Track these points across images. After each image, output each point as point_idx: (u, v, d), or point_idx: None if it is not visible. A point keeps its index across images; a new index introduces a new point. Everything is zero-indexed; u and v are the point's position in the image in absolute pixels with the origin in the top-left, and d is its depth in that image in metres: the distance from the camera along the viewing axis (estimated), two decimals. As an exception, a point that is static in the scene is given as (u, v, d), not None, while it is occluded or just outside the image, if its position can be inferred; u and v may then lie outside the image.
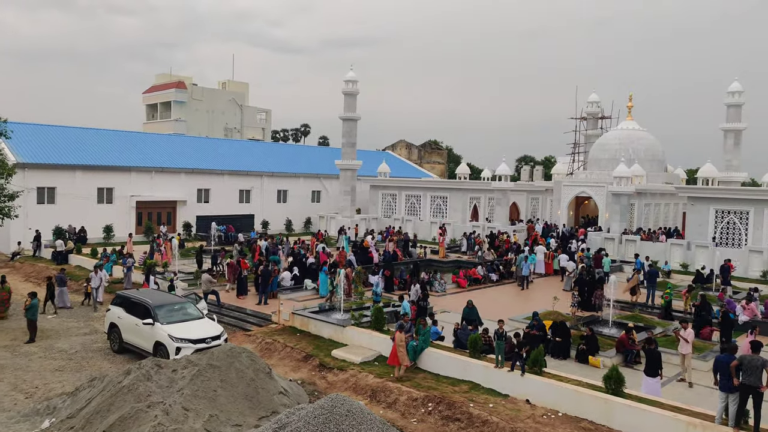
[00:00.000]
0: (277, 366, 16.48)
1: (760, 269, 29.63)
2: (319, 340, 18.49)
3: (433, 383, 14.91)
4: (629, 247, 34.50)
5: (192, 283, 25.45)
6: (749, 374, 11.16)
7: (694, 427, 11.62)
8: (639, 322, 20.52)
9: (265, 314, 21.29)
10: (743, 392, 11.27)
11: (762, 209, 31.62)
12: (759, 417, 11.15)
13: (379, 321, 17.95)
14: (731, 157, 47.29)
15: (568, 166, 53.05)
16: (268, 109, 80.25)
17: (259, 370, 12.84)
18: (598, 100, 53.91)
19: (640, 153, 43.92)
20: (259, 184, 49.65)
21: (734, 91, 47.17)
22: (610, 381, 13.10)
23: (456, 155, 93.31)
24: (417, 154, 77.48)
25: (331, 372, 16.11)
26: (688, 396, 14.34)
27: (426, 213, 47.33)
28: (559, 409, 13.33)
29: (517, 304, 24.44)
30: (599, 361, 16.50)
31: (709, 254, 30.79)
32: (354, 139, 46.54)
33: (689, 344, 15.47)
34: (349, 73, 45.70)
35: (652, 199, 42.09)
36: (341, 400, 9.66)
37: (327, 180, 54.46)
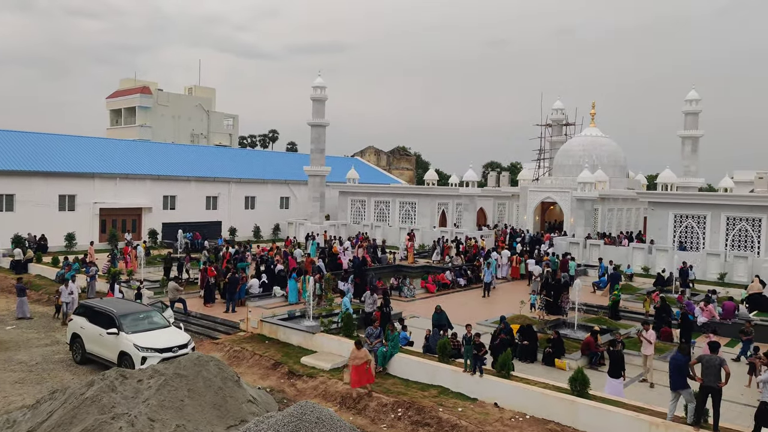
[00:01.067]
0: (245, 374, 16.33)
1: (718, 272, 30.62)
2: (289, 348, 18.38)
3: (403, 388, 14.97)
4: (593, 251, 35.27)
5: (158, 291, 25.03)
6: (708, 374, 11.52)
7: (657, 426, 11.93)
8: (603, 324, 20.98)
9: (233, 322, 21.07)
10: (702, 392, 11.64)
11: (719, 213, 32.73)
12: (718, 415, 11.51)
13: (349, 327, 17.97)
14: (689, 163, 48.85)
15: (534, 172, 53.96)
16: (236, 115, 79.53)
17: (227, 378, 12.70)
18: (563, 107, 55.02)
19: (603, 159, 44.97)
20: (226, 190, 49.13)
21: (691, 99, 48.79)
22: (575, 383, 13.37)
23: (424, 161, 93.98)
24: (386, 160, 77.75)
25: (301, 379, 16.04)
26: (650, 396, 14.72)
27: (395, 219, 47.51)
28: (527, 412, 13.53)
29: (485, 308, 24.72)
30: (565, 364, 16.81)
31: (669, 257, 31.67)
32: (323, 145, 46.48)
33: (652, 345, 15.90)
34: (317, 79, 45.66)
35: (614, 204, 43.12)
36: (311, 408, 9.63)
37: (295, 186, 54.21)
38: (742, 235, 32.15)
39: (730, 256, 31.10)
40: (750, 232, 31.86)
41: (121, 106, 70.63)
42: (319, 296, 23.03)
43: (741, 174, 54.83)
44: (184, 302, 22.23)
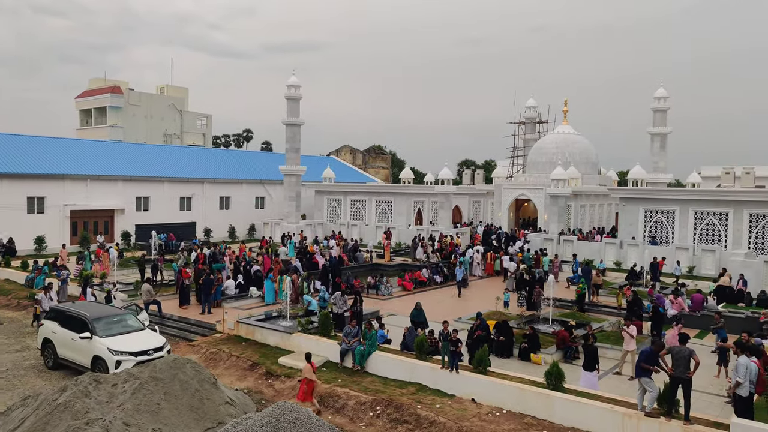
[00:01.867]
0: (222, 376, 16.22)
1: (687, 265, 31.35)
2: (266, 348, 18.30)
3: (381, 386, 15.03)
4: (567, 246, 35.78)
5: (132, 293, 24.68)
6: (678, 364, 11.80)
7: (630, 417, 12.18)
8: (577, 319, 21.32)
9: (209, 323, 20.90)
10: (673, 382, 11.92)
11: (687, 208, 33.52)
12: (689, 405, 11.79)
13: (327, 327, 17.96)
14: (658, 159, 49.89)
15: (508, 170, 54.48)
16: (209, 115, 78.68)
17: (204, 380, 12.62)
18: (536, 105, 55.65)
19: (576, 156, 45.63)
20: (200, 191, 48.60)
21: (660, 97, 49.81)
22: (551, 377, 13.57)
23: (400, 160, 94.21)
24: (361, 159, 77.74)
25: (279, 380, 15.99)
26: (624, 388, 15.02)
27: (371, 217, 47.56)
28: (504, 407, 13.69)
29: (461, 305, 24.91)
30: (541, 358, 17.06)
31: (639, 252, 32.32)
32: (298, 144, 46.28)
33: (633, 340, 16.18)
34: (291, 77, 45.45)
35: (587, 201, 43.82)
36: (289, 408, 9.64)
37: (271, 186, 53.87)
38: (709, 229, 32.98)
39: (698, 250, 31.85)
40: (717, 226, 32.69)
41: (91, 106, 69.31)
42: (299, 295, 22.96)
43: (708, 169, 56.13)
44: (159, 304, 21.96)
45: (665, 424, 11.76)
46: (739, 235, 31.85)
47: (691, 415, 11.85)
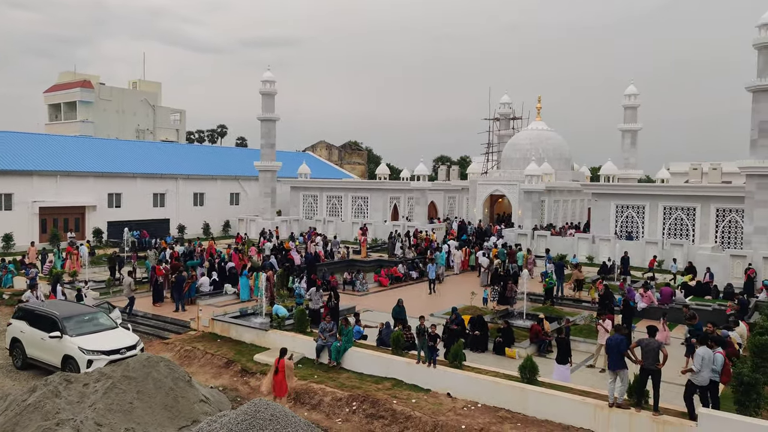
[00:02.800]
0: (197, 374, 16.11)
1: (657, 259, 31.95)
2: (241, 346, 18.21)
3: (357, 382, 15.08)
4: (541, 242, 36.24)
5: (104, 291, 24.32)
6: (647, 356, 12.08)
7: (602, 408, 12.44)
8: (551, 313, 21.64)
9: (183, 321, 20.71)
10: (642, 373, 12.20)
11: (656, 203, 34.24)
12: (658, 395, 12.08)
13: (302, 323, 17.94)
14: (629, 155, 50.79)
15: (483, 166, 54.87)
16: (183, 110, 77.59)
17: (178, 378, 12.50)
18: (510, 102, 56.11)
19: (549, 152, 46.17)
20: (174, 187, 47.96)
21: (630, 94, 50.67)
22: (525, 370, 13.76)
23: (376, 156, 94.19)
24: (337, 155, 77.54)
25: (254, 377, 15.93)
26: (596, 380, 15.32)
27: (347, 213, 47.53)
28: (479, 400, 13.85)
29: (436, 300, 25.08)
30: (515, 352, 17.28)
31: (611, 246, 32.90)
32: (273, 140, 45.98)
33: (608, 334, 16.45)
34: (266, 73, 45.11)
35: (560, 196, 44.39)
36: (264, 405, 9.62)
37: (246, 182, 53.43)
38: (677, 223, 33.72)
39: (667, 244, 32.55)
40: (685, 220, 33.45)
41: (60, 101, 67.80)
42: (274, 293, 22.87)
43: (676, 165, 57.31)
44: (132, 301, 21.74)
45: (635, 414, 12.04)
46: (706, 229, 32.63)
47: (660, 406, 12.15)
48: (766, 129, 27.47)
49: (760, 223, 27.59)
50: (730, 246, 31.24)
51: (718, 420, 11.24)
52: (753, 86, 27.77)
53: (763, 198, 27.42)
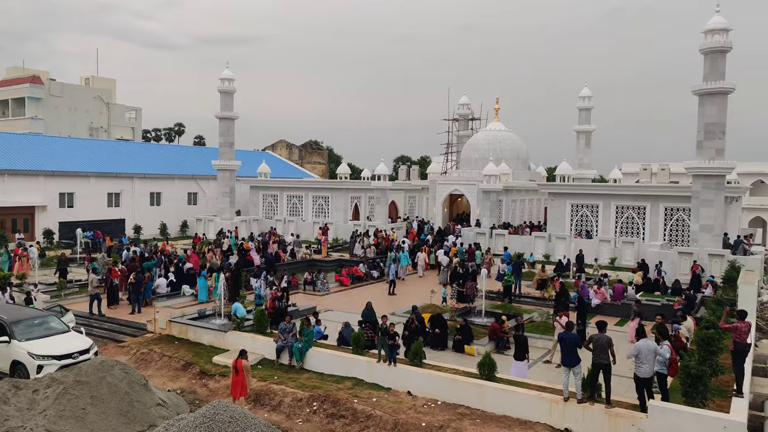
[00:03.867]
0: (154, 377, 15.81)
1: (609, 257, 32.99)
2: (200, 347, 17.97)
3: (318, 382, 15.08)
4: (499, 240, 36.83)
5: (55, 294, 23.57)
6: (598, 352, 12.47)
7: (557, 403, 12.79)
8: (509, 311, 22.07)
9: (139, 323, 20.29)
10: (594, 368, 12.59)
11: (609, 203, 35.27)
12: (609, 389, 12.48)
13: (262, 324, 17.81)
14: (583, 156, 52.12)
15: (442, 166, 55.38)
16: (138, 108, 75.64)
17: (134, 382, 12.26)
18: (468, 103, 56.76)
19: (507, 152, 46.94)
20: (129, 186, 46.79)
21: (584, 96, 52.01)
22: (483, 368, 14.01)
23: (337, 155, 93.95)
24: (298, 154, 77.01)
25: (213, 379, 15.75)
26: (552, 376, 15.71)
27: (308, 213, 47.29)
28: (439, 398, 14.04)
29: (397, 299, 25.25)
30: (474, 350, 17.58)
31: (566, 245, 33.72)
32: (232, 138, 45.37)
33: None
34: (225, 71, 44.46)
35: (517, 196, 45.22)
36: (223, 407, 9.54)
37: (204, 181, 52.53)
38: (629, 222, 34.83)
39: (620, 242, 33.56)
40: (636, 219, 34.57)
41: (8, 97, 65.15)
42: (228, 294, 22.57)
43: (628, 166, 59.17)
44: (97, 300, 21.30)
45: (589, 408, 12.41)
46: (656, 227, 33.78)
47: (614, 399, 12.55)
48: (711, 131, 28.62)
49: (705, 221, 28.72)
50: (678, 244, 32.40)
51: (667, 411, 11.68)
52: (699, 90, 28.89)
53: (708, 197, 28.55)
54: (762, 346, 18.23)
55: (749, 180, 55.01)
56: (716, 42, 28.28)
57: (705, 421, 11.32)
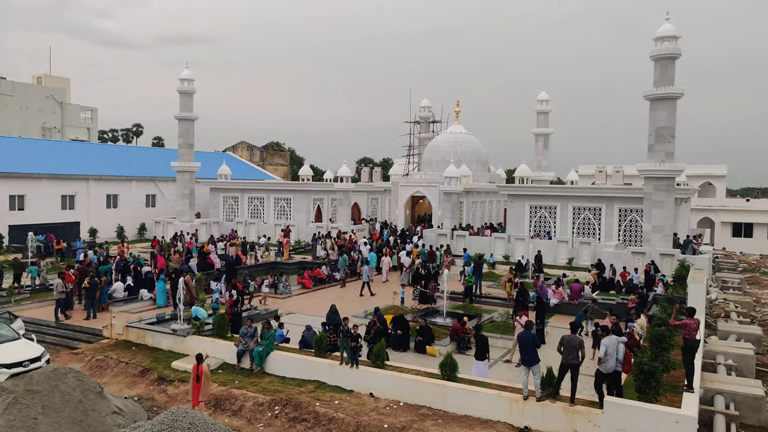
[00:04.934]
0: (110, 384, 15.43)
1: (567, 257, 33.79)
2: (158, 353, 17.62)
3: (280, 386, 14.97)
4: (459, 241, 37.28)
5: (5, 300, 22.74)
6: (568, 353, 12.73)
7: (517, 402, 13.01)
8: (470, 311, 22.34)
9: (95, 329, 19.74)
10: (562, 368, 12.85)
11: (566, 204, 36.12)
12: (575, 388, 12.74)
13: (222, 328, 17.58)
14: (541, 158, 53.25)
15: (404, 168, 55.69)
16: (94, 108, 73.59)
17: (88, 390, 11.94)
18: (430, 105, 57.29)
19: (467, 155, 47.56)
20: (85, 188, 45.43)
21: (542, 100, 53.14)
22: (445, 368, 14.13)
23: (299, 157, 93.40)
24: (259, 155, 76.20)
25: (172, 384, 15.46)
26: (512, 375, 15.96)
27: (270, 215, 46.87)
28: (401, 399, 14.11)
29: (360, 301, 25.26)
30: (436, 350, 17.72)
31: (525, 245, 34.37)
32: (191, 139, 44.61)
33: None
34: (184, 71, 43.72)
35: (478, 197, 45.85)
36: (183, 413, 9.41)
37: (163, 183, 51.46)
38: (585, 223, 35.74)
39: (577, 243, 34.41)
40: (592, 220, 35.50)
41: (-47, 95, 62.52)
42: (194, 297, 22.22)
43: (584, 168, 60.70)
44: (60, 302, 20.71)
45: (548, 406, 12.67)
46: (611, 228, 34.77)
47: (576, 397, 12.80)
48: (662, 134, 29.63)
49: (656, 222, 29.71)
50: (632, 244, 33.40)
51: (621, 407, 12.02)
52: (650, 95, 29.88)
53: (659, 199, 29.55)
54: (711, 342, 18.92)
55: (697, 182, 57.21)
56: (666, 49, 29.31)
57: (657, 415, 11.68)
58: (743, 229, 56.74)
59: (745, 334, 20.22)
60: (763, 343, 20.40)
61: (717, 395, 14.31)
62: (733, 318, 23.41)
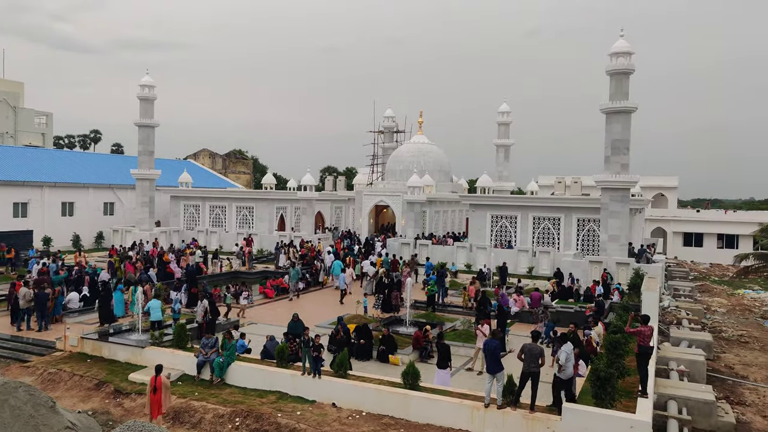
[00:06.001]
0: (63, 398, 14.97)
1: (527, 266, 34.41)
2: (115, 365, 17.18)
3: (241, 397, 14.79)
4: (423, 250, 37.56)
5: (-49, 312, 21.82)
6: (529, 361, 12.96)
7: (478, 410, 13.17)
8: (433, 320, 22.49)
9: (47, 342, 19.11)
10: (524, 376, 13.06)
11: (527, 214, 36.84)
12: (535, 395, 12.97)
13: (182, 338, 17.27)
14: (502, 169, 54.22)
15: (368, 177, 55.87)
16: (49, 113, 71.32)
17: (39, 405, 11.55)
18: (393, 115, 57.72)
19: (430, 165, 48.06)
20: (38, 195, 43.98)
21: (503, 111, 54.19)
22: (407, 377, 14.21)
23: (262, 165, 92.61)
24: (221, 163, 75.26)
25: (129, 398, 15.09)
26: (473, 383, 16.14)
27: (232, 224, 46.30)
28: (364, 409, 14.11)
29: (323, 310, 25.13)
30: (398, 359, 17.78)
31: (487, 255, 34.85)
32: (152, 147, 43.79)
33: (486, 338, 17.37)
34: (144, 77, 42.95)
35: (440, 207, 46.32)
36: (139, 427, 9.23)
37: (121, 191, 50.26)
38: (545, 232, 36.49)
39: (537, 252, 35.09)
40: (552, 229, 36.28)
41: None
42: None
43: (544, 178, 62.06)
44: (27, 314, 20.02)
45: (508, 413, 12.87)
46: (569, 238, 35.60)
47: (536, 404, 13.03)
48: (617, 147, 30.57)
49: (613, 231, 30.57)
50: (589, 253, 34.25)
51: (579, 413, 12.31)
52: (605, 108, 30.82)
53: (615, 209, 30.43)
54: (664, 348, 19.53)
55: (651, 193, 59.14)
56: (620, 64, 30.32)
57: (613, 421, 12.01)
58: (694, 238, 58.88)
59: (696, 340, 20.95)
60: (713, 349, 21.17)
61: (670, 400, 14.79)
62: (685, 325, 24.21)
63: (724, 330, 25.37)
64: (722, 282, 42.05)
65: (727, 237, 57.67)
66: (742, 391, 17.64)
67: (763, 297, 35.89)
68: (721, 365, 20.24)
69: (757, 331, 25.77)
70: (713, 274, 47.42)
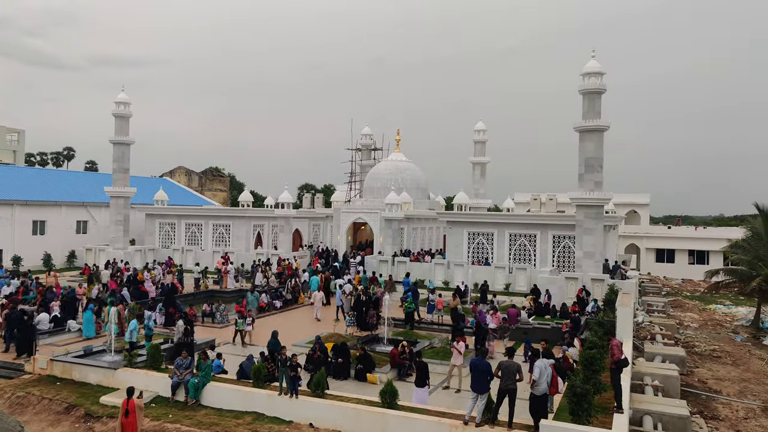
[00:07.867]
0: (31, 422, 14.57)
1: (504, 282, 34.62)
2: (85, 387, 16.79)
3: (216, 419, 14.55)
4: (401, 267, 37.56)
5: None
6: (506, 378, 12.98)
7: (456, 428, 13.13)
8: (411, 337, 22.45)
9: (16, 364, 18.61)
10: (500, 393, 13.07)
11: (503, 231, 37.14)
12: (513, 412, 13.00)
13: (156, 359, 16.96)
14: (479, 186, 54.71)
15: (346, 194, 55.88)
16: (21, 130, 70.22)
17: (7, 430, 11.23)
18: (371, 133, 57.99)
19: (408, 182, 48.30)
20: (8, 214, 43.03)
21: (479, 130, 54.86)
22: (385, 396, 14.13)
23: (239, 183, 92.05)
24: (198, 181, 74.65)
25: (99, 421, 14.74)
26: (451, 400, 16.12)
27: (208, 242, 45.80)
28: (342, 429, 13.99)
29: (301, 328, 24.91)
30: (376, 378, 17.69)
31: (464, 271, 35.00)
32: (127, 164, 43.25)
33: (461, 355, 17.40)
34: (120, 94, 42.55)
35: (418, 224, 46.48)
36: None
37: (95, 209, 49.45)
38: (522, 249, 36.82)
39: (513, 269, 35.34)
40: (528, 246, 36.61)
41: None
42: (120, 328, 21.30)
43: (520, 196, 62.77)
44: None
45: (488, 431, 12.86)
46: (546, 254, 35.95)
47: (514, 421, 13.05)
48: (591, 164, 31.11)
49: (587, 248, 30.96)
50: (565, 269, 34.60)
51: (556, 429, 12.36)
52: (579, 127, 31.42)
53: (590, 226, 30.87)
54: (638, 364, 19.77)
55: (624, 210, 60.22)
56: (592, 84, 30.99)
57: (590, 437, 12.10)
58: (666, 254, 59.96)
59: (670, 355, 21.25)
60: (686, 364, 21.50)
61: (645, 416, 14.95)
62: (659, 340, 24.56)
63: (696, 345, 25.81)
64: (694, 297, 42.84)
65: (698, 253, 58.85)
66: (716, 406, 17.93)
67: (734, 312, 36.65)
68: (695, 380, 20.56)
69: (729, 345, 26.27)
70: (685, 289, 48.28)
